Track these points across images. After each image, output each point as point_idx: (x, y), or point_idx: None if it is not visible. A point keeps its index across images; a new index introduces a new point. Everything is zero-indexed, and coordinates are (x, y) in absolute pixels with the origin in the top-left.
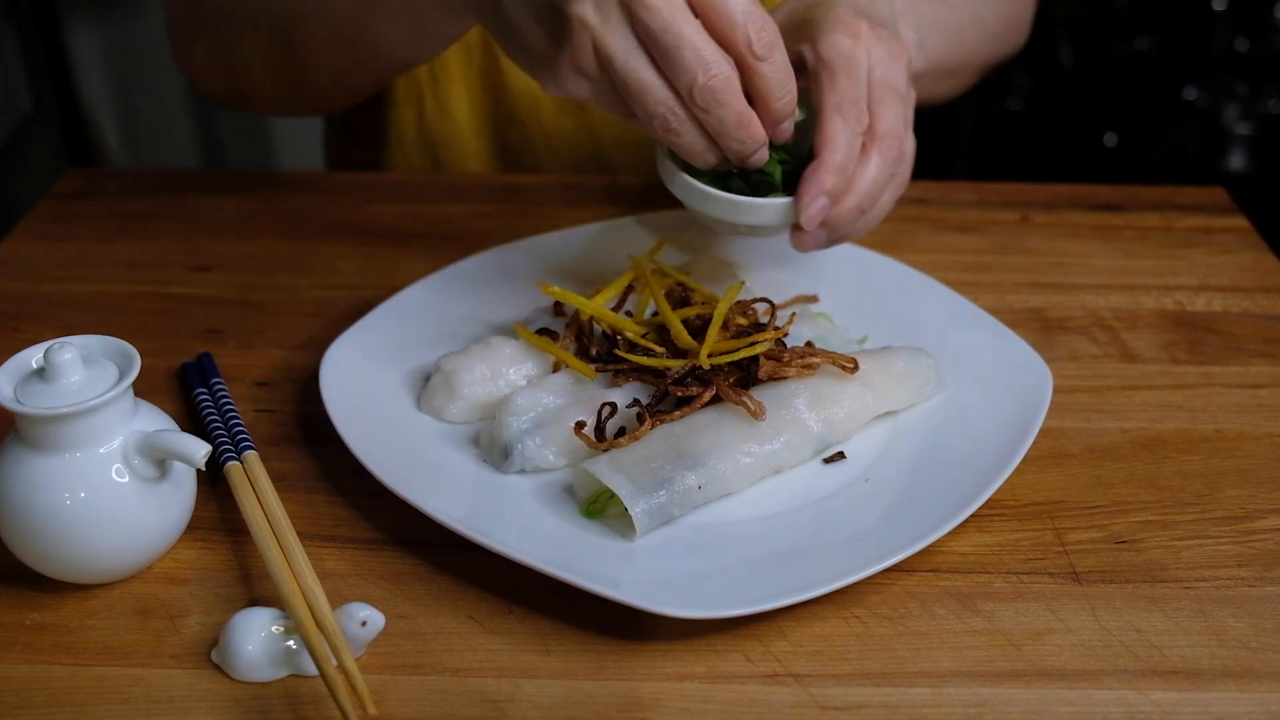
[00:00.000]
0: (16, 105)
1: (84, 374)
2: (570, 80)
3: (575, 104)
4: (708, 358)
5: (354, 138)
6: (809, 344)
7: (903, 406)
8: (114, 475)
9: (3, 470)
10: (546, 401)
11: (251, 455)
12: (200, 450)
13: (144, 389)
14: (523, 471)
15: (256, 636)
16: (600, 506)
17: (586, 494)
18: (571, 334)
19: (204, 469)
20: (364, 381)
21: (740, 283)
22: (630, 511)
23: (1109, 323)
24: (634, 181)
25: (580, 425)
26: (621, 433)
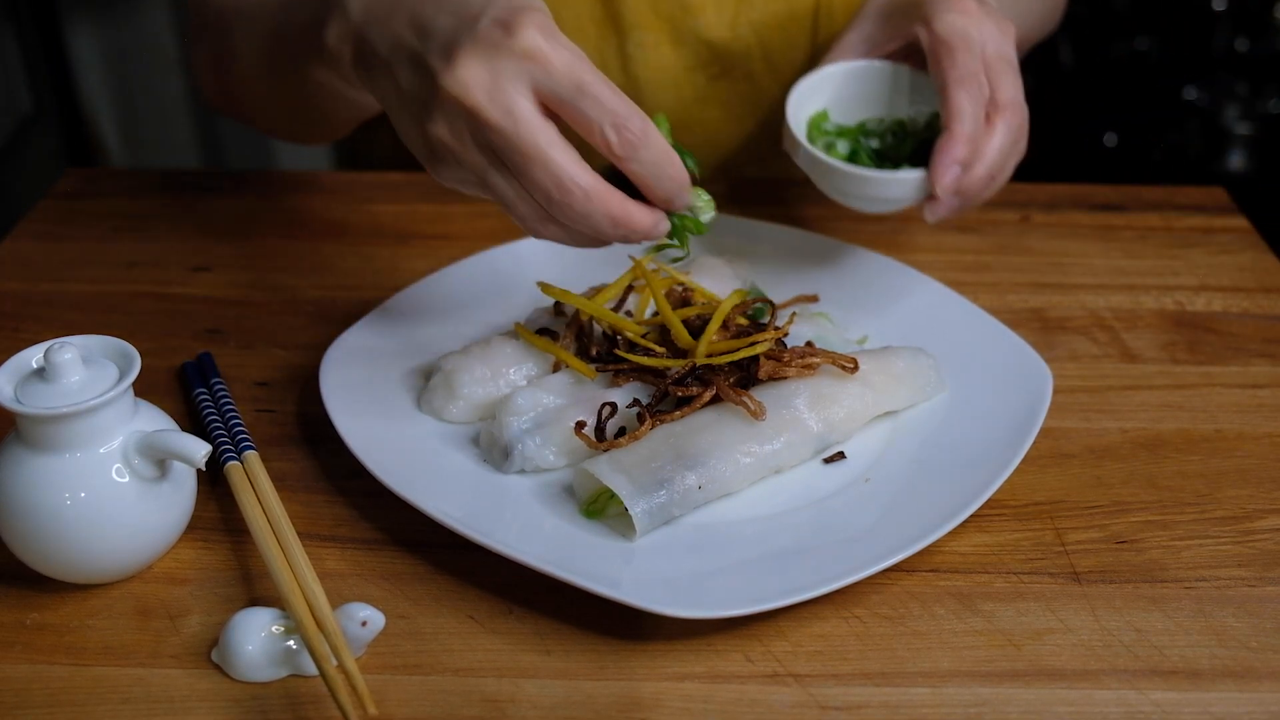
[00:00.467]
0: (16, 105)
1: (84, 374)
2: (454, 184)
3: None
4: (706, 356)
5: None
6: (809, 344)
7: (903, 406)
8: (114, 475)
9: (3, 470)
10: (547, 401)
11: (251, 455)
12: (200, 450)
13: (144, 389)
14: (523, 471)
15: (257, 636)
16: (600, 506)
17: (586, 494)
18: (571, 334)
19: (204, 469)
20: (364, 381)
21: (744, 292)
22: (630, 511)
23: (1109, 323)
24: None
25: (580, 425)
26: (621, 433)
